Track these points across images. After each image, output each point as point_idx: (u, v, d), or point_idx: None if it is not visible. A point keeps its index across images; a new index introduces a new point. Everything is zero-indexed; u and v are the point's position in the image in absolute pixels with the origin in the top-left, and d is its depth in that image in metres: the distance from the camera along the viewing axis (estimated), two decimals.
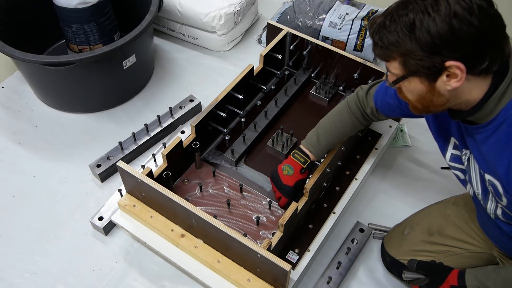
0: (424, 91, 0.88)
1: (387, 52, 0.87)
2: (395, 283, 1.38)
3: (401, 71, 0.88)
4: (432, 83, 0.86)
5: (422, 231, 1.29)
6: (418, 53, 0.82)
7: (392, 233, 1.38)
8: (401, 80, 0.89)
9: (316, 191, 1.36)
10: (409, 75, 0.87)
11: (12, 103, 1.83)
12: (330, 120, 1.32)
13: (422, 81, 0.87)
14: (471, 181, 1.04)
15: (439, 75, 0.84)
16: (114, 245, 1.45)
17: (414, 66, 0.84)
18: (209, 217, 1.18)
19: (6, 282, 1.37)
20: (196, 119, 1.43)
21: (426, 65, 0.83)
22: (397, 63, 0.87)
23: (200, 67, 1.99)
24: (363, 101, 1.28)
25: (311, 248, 1.34)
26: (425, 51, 0.81)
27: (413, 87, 0.89)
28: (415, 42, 0.81)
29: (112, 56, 1.62)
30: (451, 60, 0.81)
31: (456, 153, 1.07)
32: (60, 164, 1.65)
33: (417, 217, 1.36)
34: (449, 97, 0.88)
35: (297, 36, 1.69)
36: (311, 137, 1.33)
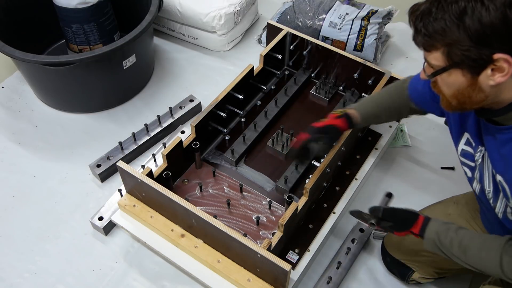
0: (464, 85, 0.84)
1: (430, 41, 0.82)
2: (395, 283, 1.38)
3: (443, 62, 0.83)
4: (475, 77, 0.81)
5: None
6: (465, 43, 0.78)
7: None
8: (442, 71, 0.84)
9: (316, 191, 1.36)
10: (452, 67, 0.82)
11: (12, 103, 1.83)
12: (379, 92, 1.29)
13: (465, 74, 0.82)
14: (482, 178, 1.01)
15: (483, 69, 0.80)
16: (114, 245, 1.45)
17: (459, 57, 0.80)
18: (209, 217, 1.18)
19: (6, 282, 1.37)
20: (196, 119, 1.43)
21: (472, 56, 0.78)
22: (440, 53, 0.82)
23: (200, 67, 1.99)
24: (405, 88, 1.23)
25: (311, 248, 1.34)
26: (474, 41, 0.77)
27: (453, 80, 0.84)
28: (464, 31, 0.77)
29: (112, 56, 1.62)
30: (500, 52, 0.77)
31: (467, 149, 1.04)
32: (60, 164, 1.65)
33: None
34: (489, 93, 0.83)
35: (297, 36, 1.69)
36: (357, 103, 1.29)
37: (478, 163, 1.01)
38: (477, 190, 1.07)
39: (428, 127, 1.78)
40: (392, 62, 2.02)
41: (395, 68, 1.99)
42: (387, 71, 1.55)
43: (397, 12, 1.97)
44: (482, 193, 1.05)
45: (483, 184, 1.02)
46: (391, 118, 1.33)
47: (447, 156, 1.68)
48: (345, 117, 1.24)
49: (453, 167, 1.65)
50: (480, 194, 1.07)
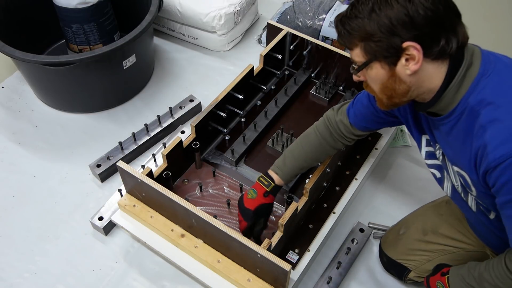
0: (385, 78, 0.91)
1: (349, 38, 0.91)
2: (394, 283, 1.38)
3: (363, 58, 0.91)
4: (392, 68, 0.89)
5: (417, 230, 1.29)
6: (377, 35, 0.86)
7: (389, 233, 1.39)
8: (363, 66, 0.92)
9: (316, 191, 1.36)
10: (371, 60, 0.90)
11: (12, 103, 1.83)
12: (298, 142, 1.30)
13: (383, 66, 0.90)
14: (449, 175, 1.05)
15: (398, 59, 0.88)
16: (114, 245, 1.45)
17: (374, 48, 0.88)
18: (209, 217, 1.18)
19: (6, 282, 1.37)
20: (196, 119, 1.43)
21: (384, 46, 0.87)
22: (359, 49, 0.91)
23: (200, 67, 1.99)
24: (333, 119, 1.26)
25: (311, 248, 1.34)
26: (383, 32, 0.86)
27: (375, 74, 0.92)
28: (374, 25, 0.86)
29: (112, 56, 1.62)
30: (408, 41, 0.85)
31: (429, 150, 1.09)
32: (60, 164, 1.65)
33: (412, 216, 1.36)
34: (410, 83, 0.90)
35: (297, 36, 1.69)
36: (278, 160, 1.30)
37: (440, 160, 1.05)
38: (449, 191, 1.10)
39: None
40: None
41: None
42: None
43: None
44: (454, 192, 1.08)
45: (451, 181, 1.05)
46: (319, 160, 1.32)
47: None
48: (271, 193, 1.27)
49: None
50: (452, 194, 1.09)
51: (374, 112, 1.17)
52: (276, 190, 1.29)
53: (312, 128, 1.30)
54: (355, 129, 1.24)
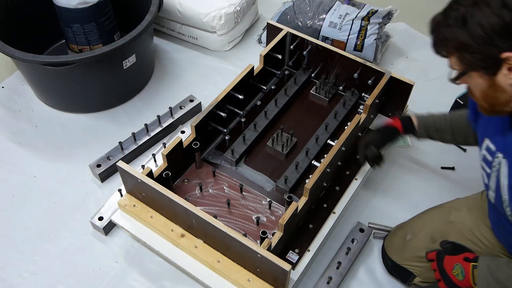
0: (485, 87, 0.87)
1: (444, 48, 0.87)
2: (395, 283, 1.38)
3: (460, 67, 0.88)
4: (492, 78, 0.85)
5: (425, 237, 1.27)
6: (472, 47, 0.82)
7: (394, 237, 1.37)
8: (460, 76, 0.89)
9: (316, 191, 1.36)
10: (468, 70, 0.87)
11: (12, 103, 1.83)
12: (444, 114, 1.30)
13: (482, 76, 0.86)
14: (498, 186, 1.01)
15: (498, 69, 0.83)
16: (114, 245, 1.45)
17: (469, 59, 0.84)
18: (209, 217, 1.18)
19: (6, 282, 1.37)
20: (196, 119, 1.43)
21: (480, 57, 0.83)
22: (455, 58, 0.87)
23: (200, 67, 1.99)
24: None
25: (311, 248, 1.34)
26: (479, 43, 0.81)
27: (475, 83, 0.88)
28: (468, 35, 0.81)
29: (112, 56, 1.62)
30: (507, 51, 0.80)
31: (487, 155, 1.05)
32: (60, 164, 1.65)
33: (419, 222, 1.34)
34: (511, 93, 0.86)
35: (297, 36, 1.69)
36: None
37: (496, 169, 1.01)
38: (493, 198, 1.06)
39: None
40: (392, 62, 2.03)
41: (395, 68, 1.99)
42: (387, 71, 1.55)
43: (397, 12, 1.97)
44: (498, 202, 1.04)
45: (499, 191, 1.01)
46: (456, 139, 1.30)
47: (447, 156, 1.69)
48: (400, 119, 1.32)
49: (453, 167, 1.65)
50: (496, 202, 1.05)
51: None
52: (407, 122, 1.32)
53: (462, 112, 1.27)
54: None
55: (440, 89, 1.91)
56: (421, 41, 2.11)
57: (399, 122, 1.33)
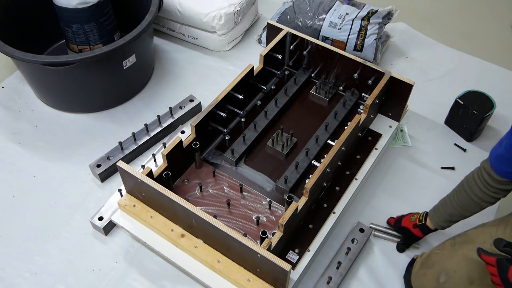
0: None
1: None
2: (395, 284, 1.38)
3: None
4: None
5: (461, 279, 1.18)
6: None
7: (424, 278, 1.27)
8: None
9: (316, 191, 1.36)
10: None
11: (12, 103, 1.83)
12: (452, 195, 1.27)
13: None
14: None
15: None
16: (114, 245, 1.45)
17: None
18: (209, 217, 1.18)
19: (6, 282, 1.37)
20: (196, 119, 1.43)
21: None
22: None
23: (200, 67, 1.99)
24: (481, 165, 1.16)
25: (311, 248, 1.34)
26: None
27: None
28: None
29: (112, 56, 1.62)
30: None
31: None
32: (60, 164, 1.65)
33: (452, 261, 1.22)
34: None
35: (297, 36, 1.69)
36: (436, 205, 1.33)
37: None
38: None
39: (428, 127, 1.78)
40: (392, 62, 2.03)
41: (395, 68, 1.99)
42: (387, 71, 1.55)
43: (397, 12, 1.97)
44: None
45: None
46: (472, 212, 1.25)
47: (447, 156, 1.69)
48: (420, 229, 1.37)
49: (453, 167, 1.65)
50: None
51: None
52: (424, 228, 1.36)
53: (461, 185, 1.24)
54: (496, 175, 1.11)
55: (440, 89, 1.91)
56: (421, 41, 2.11)
57: (420, 233, 1.38)
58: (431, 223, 1.33)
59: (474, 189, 1.18)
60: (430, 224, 1.33)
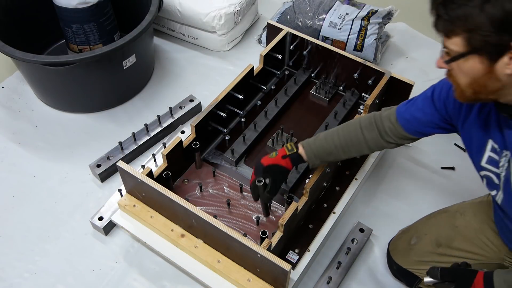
0: (480, 73, 0.84)
1: (451, 26, 0.82)
2: (394, 284, 1.38)
3: (462, 48, 0.83)
4: (492, 64, 0.82)
5: (430, 242, 1.26)
6: (486, 29, 0.78)
7: (399, 241, 1.36)
8: (460, 57, 0.84)
9: (316, 191, 1.36)
10: (470, 53, 0.82)
11: (12, 103, 1.83)
12: (335, 128, 1.24)
13: (482, 61, 0.82)
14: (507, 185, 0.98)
15: (500, 56, 0.80)
16: (114, 245, 1.45)
17: (479, 42, 0.80)
18: (209, 217, 1.18)
19: (6, 282, 1.37)
20: (196, 119, 1.43)
21: (492, 42, 0.79)
22: (460, 38, 0.82)
23: (200, 67, 1.99)
24: (380, 118, 1.19)
25: (311, 248, 1.34)
26: (495, 27, 0.77)
27: (470, 67, 0.84)
28: (485, 17, 0.78)
29: (112, 56, 1.62)
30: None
31: (493, 156, 1.01)
32: (60, 164, 1.65)
33: (424, 226, 1.32)
34: (505, 82, 0.84)
35: (297, 36, 1.69)
36: (311, 138, 1.26)
37: (504, 168, 0.99)
38: (500, 199, 1.03)
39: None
40: (392, 62, 2.03)
41: (395, 68, 1.99)
42: (387, 71, 1.55)
43: (397, 12, 1.97)
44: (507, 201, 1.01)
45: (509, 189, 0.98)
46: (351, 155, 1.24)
47: (447, 156, 1.69)
48: (290, 158, 1.23)
49: (453, 167, 1.65)
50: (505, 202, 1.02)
51: (433, 118, 1.11)
52: (296, 158, 1.24)
53: (355, 119, 1.23)
54: (402, 130, 1.16)
55: None
56: (421, 41, 2.11)
57: (289, 162, 1.24)
58: (305, 153, 1.23)
59: (373, 135, 1.19)
60: (303, 153, 1.24)
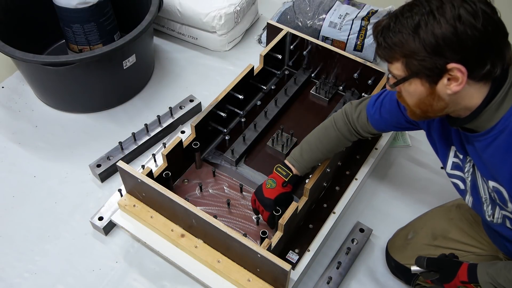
0: (424, 94, 0.88)
1: (390, 53, 0.87)
2: (394, 283, 1.38)
3: (403, 72, 0.88)
4: (433, 86, 0.86)
5: (426, 235, 1.28)
6: (421, 54, 0.83)
7: (396, 238, 1.37)
8: (402, 81, 0.89)
9: (316, 191, 1.36)
10: (411, 77, 0.87)
11: (12, 103, 1.83)
12: (315, 135, 1.30)
13: (423, 83, 0.87)
14: (476, 188, 1.02)
15: (440, 78, 0.84)
16: (114, 245, 1.45)
17: (416, 66, 0.85)
18: (209, 217, 1.18)
19: (6, 282, 1.37)
20: (196, 119, 1.43)
21: (428, 66, 0.83)
22: (400, 63, 0.87)
23: (200, 67, 1.99)
24: (351, 116, 1.26)
25: (311, 248, 1.34)
26: (428, 51, 0.82)
27: (414, 90, 0.89)
28: (419, 43, 0.82)
29: (112, 56, 1.62)
30: (453, 62, 0.81)
31: (457, 161, 1.06)
32: (60, 164, 1.65)
33: (421, 221, 1.35)
34: (448, 101, 0.88)
35: (297, 36, 1.69)
36: (295, 151, 1.32)
37: (470, 173, 1.03)
38: (470, 203, 1.07)
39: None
40: None
41: None
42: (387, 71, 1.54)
43: None
44: (476, 205, 1.05)
45: (477, 193, 1.02)
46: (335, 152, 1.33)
47: None
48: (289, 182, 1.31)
49: None
50: (475, 206, 1.06)
51: (399, 120, 1.16)
52: (294, 180, 1.32)
53: (329, 122, 1.30)
54: (372, 129, 1.24)
55: None
56: None
57: (290, 186, 1.32)
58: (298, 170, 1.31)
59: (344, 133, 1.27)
60: (297, 172, 1.31)
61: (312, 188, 1.28)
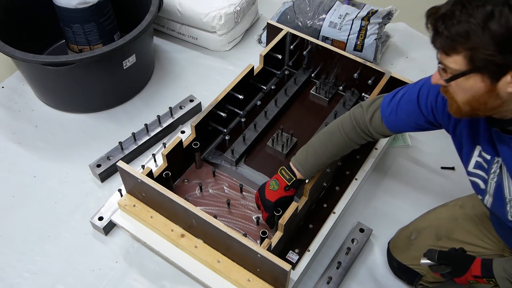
0: (481, 91, 0.81)
1: (452, 44, 0.78)
2: (395, 283, 1.38)
3: (463, 66, 0.79)
4: (494, 83, 0.79)
5: (430, 235, 1.26)
6: (490, 48, 0.74)
7: (398, 238, 1.36)
8: (460, 76, 0.80)
9: (316, 191, 1.36)
10: (472, 71, 0.79)
11: (12, 103, 1.83)
12: (321, 139, 1.24)
13: (484, 80, 0.79)
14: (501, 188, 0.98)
15: (504, 75, 0.77)
16: (114, 245, 1.45)
17: (483, 61, 0.76)
18: (209, 217, 1.18)
19: (6, 282, 1.37)
20: (196, 119, 1.43)
21: (497, 62, 0.75)
22: (461, 57, 0.78)
23: (200, 67, 1.99)
24: (362, 119, 1.18)
25: (311, 248, 1.34)
26: (499, 46, 0.74)
27: (471, 85, 0.81)
28: (489, 36, 0.74)
29: (112, 56, 1.62)
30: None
31: (480, 161, 1.01)
32: (60, 164, 1.65)
33: (424, 221, 1.33)
34: (505, 100, 0.81)
35: (297, 36, 1.69)
36: (300, 154, 1.26)
37: (496, 174, 0.98)
38: (489, 203, 1.03)
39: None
40: (392, 62, 2.03)
41: (395, 68, 1.99)
42: (387, 71, 1.55)
43: (397, 12, 1.97)
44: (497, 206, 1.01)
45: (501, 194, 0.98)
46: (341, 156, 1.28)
47: (447, 156, 1.68)
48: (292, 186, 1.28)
49: (453, 167, 1.65)
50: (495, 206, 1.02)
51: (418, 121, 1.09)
52: (297, 184, 1.28)
53: (336, 126, 1.22)
54: (387, 130, 1.16)
55: None
56: (421, 41, 2.11)
57: (292, 189, 1.29)
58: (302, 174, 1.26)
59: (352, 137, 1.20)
60: (301, 176, 1.27)
61: (312, 188, 1.28)
